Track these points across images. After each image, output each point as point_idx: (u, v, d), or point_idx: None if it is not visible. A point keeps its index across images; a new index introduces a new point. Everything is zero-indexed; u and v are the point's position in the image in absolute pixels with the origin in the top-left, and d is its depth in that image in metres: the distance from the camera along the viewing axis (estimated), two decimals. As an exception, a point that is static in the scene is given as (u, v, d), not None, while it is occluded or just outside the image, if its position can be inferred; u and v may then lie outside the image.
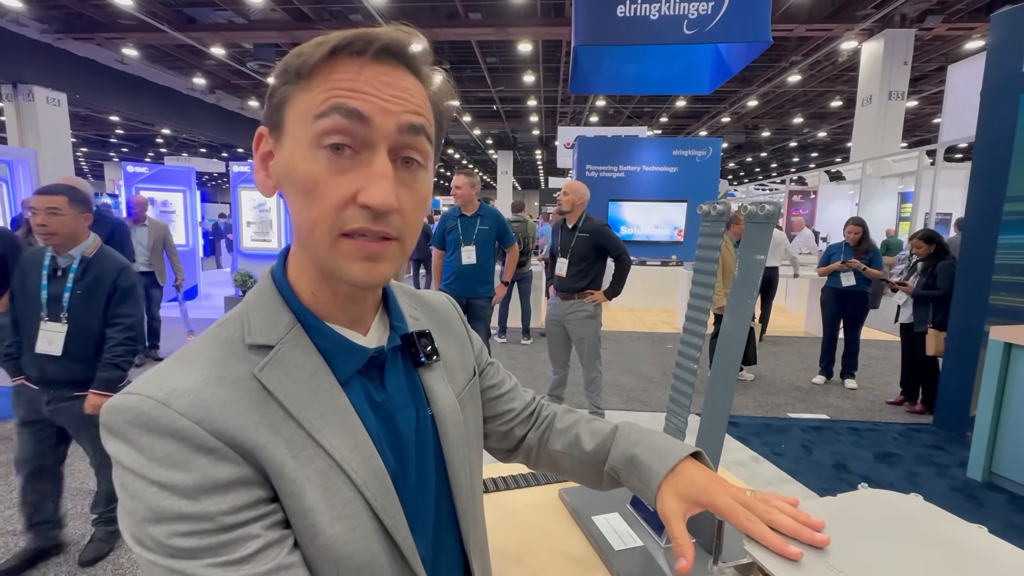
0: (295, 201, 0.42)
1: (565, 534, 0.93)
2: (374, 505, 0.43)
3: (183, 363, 0.41)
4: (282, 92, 0.42)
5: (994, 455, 2.86)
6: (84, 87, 11.47)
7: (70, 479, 2.63)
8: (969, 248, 3.49)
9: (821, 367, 4.62)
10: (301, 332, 0.45)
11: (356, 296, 0.47)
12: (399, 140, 0.42)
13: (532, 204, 27.28)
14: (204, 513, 0.36)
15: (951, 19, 9.14)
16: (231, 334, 0.44)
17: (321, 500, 0.41)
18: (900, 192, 10.31)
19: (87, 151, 23.66)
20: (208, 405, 0.38)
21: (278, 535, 0.38)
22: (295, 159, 0.41)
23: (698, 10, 3.48)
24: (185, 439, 0.37)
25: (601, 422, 0.66)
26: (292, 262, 0.47)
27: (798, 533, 0.45)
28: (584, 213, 3.16)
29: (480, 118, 18.17)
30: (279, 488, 0.40)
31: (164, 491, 0.36)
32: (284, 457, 0.40)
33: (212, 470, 0.37)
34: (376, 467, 0.44)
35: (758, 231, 0.75)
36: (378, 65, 0.41)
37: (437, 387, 0.53)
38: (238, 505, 0.37)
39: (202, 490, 0.36)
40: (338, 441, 0.42)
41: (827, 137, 19.04)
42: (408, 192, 0.43)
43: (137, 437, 0.37)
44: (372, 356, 0.48)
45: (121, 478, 0.37)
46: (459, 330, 0.63)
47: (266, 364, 0.42)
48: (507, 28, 9.81)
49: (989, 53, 3.44)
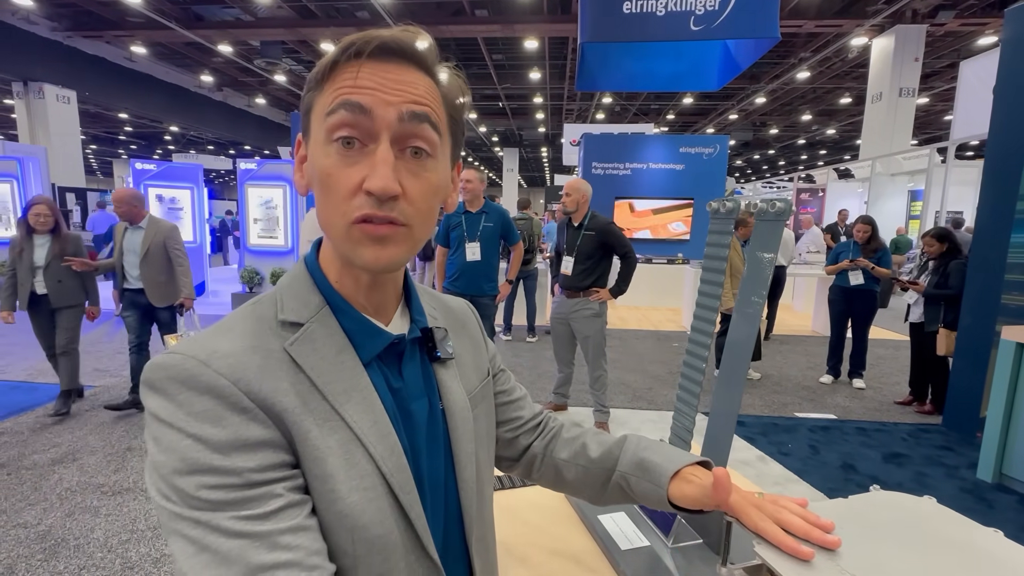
0: (318, 195, 0.45)
1: (571, 533, 0.93)
2: (390, 480, 0.45)
3: (222, 331, 0.44)
4: (307, 99, 0.46)
5: (1004, 456, 2.83)
6: (93, 84, 11.56)
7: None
8: (981, 247, 3.45)
9: (829, 366, 4.59)
10: (329, 313, 0.48)
11: (376, 284, 0.50)
12: (402, 129, 0.44)
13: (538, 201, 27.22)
14: (233, 468, 0.38)
15: (963, 14, 9.02)
16: (264, 311, 0.47)
17: (341, 469, 0.43)
18: (910, 190, 10.19)
19: (96, 148, 23.86)
20: (244, 368, 0.41)
21: (299, 498, 0.40)
22: (315, 156, 0.45)
23: (705, 6, 3.45)
24: (222, 397, 0.39)
25: (607, 434, 0.67)
26: (324, 251, 0.51)
27: (808, 534, 0.45)
28: (589, 211, 3.14)
29: (486, 115, 18.15)
30: (303, 453, 0.42)
31: (199, 443, 0.38)
32: (310, 424, 0.42)
33: (244, 429, 0.39)
34: (393, 444, 0.46)
35: (768, 229, 0.74)
36: (379, 62, 0.44)
37: (450, 383, 0.55)
38: (264, 464, 0.39)
39: (233, 446, 0.38)
40: (359, 416, 0.45)
41: (836, 134, 18.87)
42: (415, 180, 0.45)
43: (177, 392, 0.39)
44: (392, 343, 0.50)
45: (156, 432, 0.39)
46: (475, 333, 0.65)
47: (296, 339, 0.45)
48: (513, 25, 9.78)
49: (1003, 48, 3.38)
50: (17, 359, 4.69)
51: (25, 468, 2.71)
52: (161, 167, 7.73)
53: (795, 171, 17.45)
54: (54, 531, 2.20)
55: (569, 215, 3.18)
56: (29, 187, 7.53)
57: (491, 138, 21.88)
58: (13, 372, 4.34)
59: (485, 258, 3.31)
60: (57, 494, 2.47)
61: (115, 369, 4.45)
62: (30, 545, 2.10)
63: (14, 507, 2.36)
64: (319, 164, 0.44)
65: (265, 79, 13.73)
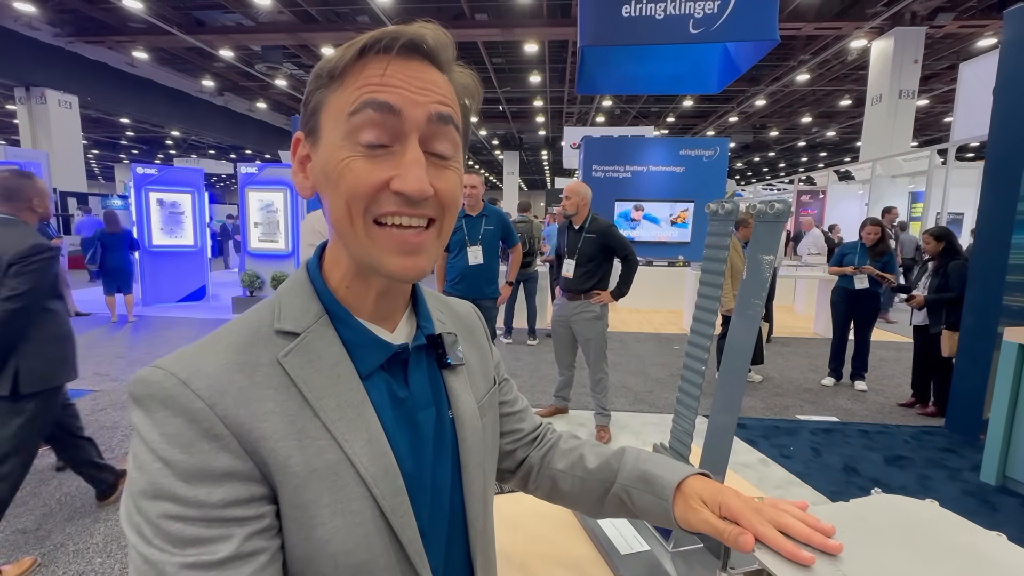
0: (331, 195, 0.43)
1: (570, 538, 0.92)
2: (382, 504, 0.43)
3: (212, 344, 0.43)
4: (317, 97, 0.44)
5: (1008, 458, 2.82)
6: (95, 90, 11.61)
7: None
8: (982, 248, 3.44)
9: (830, 369, 4.57)
10: (328, 323, 0.46)
11: (389, 292, 0.48)
12: (429, 130, 0.43)
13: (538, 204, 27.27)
14: (195, 499, 0.37)
15: (962, 16, 9.03)
16: (261, 319, 0.45)
17: (326, 493, 0.41)
18: (911, 192, 10.19)
19: (98, 153, 23.95)
20: (225, 390, 0.40)
21: (251, 548, 0.38)
22: (330, 156, 0.42)
23: (704, 9, 3.46)
24: (195, 421, 0.38)
25: (605, 446, 0.65)
26: (328, 256, 0.49)
27: (809, 538, 0.44)
28: (590, 213, 3.14)
29: (486, 118, 18.18)
30: (281, 481, 0.40)
31: (167, 468, 0.37)
32: (291, 449, 0.40)
33: (212, 458, 0.38)
34: (388, 464, 0.44)
35: (767, 230, 0.73)
36: (404, 60, 0.42)
37: (460, 391, 0.53)
38: (228, 500, 0.37)
39: (199, 476, 0.37)
40: (351, 435, 0.43)
41: (836, 136, 18.88)
42: (442, 180, 0.44)
43: (156, 410, 0.38)
44: (396, 352, 0.48)
45: (135, 448, 0.39)
46: (482, 339, 0.63)
47: (291, 350, 0.43)
48: (513, 29, 9.81)
49: (1003, 50, 3.38)
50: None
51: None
52: (162, 171, 7.75)
53: (796, 173, 17.45)
54: (53, 536, 2.19)
55: (569, 218, 3.18)
56: (31, 192, 7.53)
57: (492, 141, 21.92)
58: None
59: (486, 261, 3.31)
60: (57, 499, 2.47)
61: (115, 373, 4.45)
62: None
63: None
64: (337, 164, 0.41)
65: (266, 84, 13.78)
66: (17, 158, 7.95)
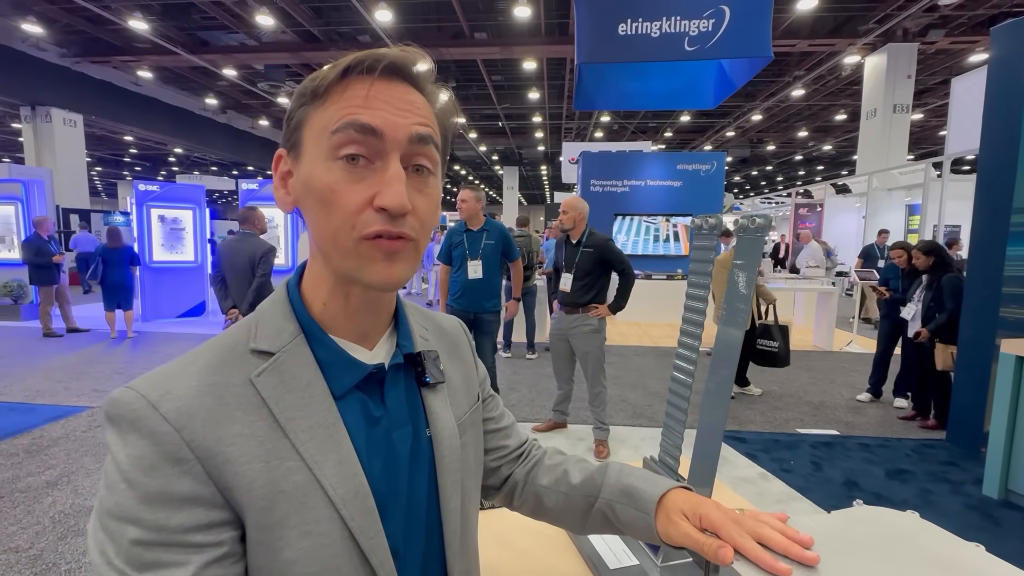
0: (314, 212, 0.44)
1: (559, 554, 0.91)
2: (350, 525, 0.43)
3: (186, 364, 0.43)
4: (300, 114, 0.45)
5: (1010, 471, 2.79)
6: (100, 108, 11.78)
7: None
8: (978, 260, 3.45)
9: (870, 384, 4.35)
10: (303, 343, 0.46)
11: (369, 307, 0.48)
12: (409, 149, 0.44)
13: (538, 219, 27.40)
14: (155, 523, 0.37)
15: (953, 32, 9.19)
16: (237, 337, 0.45)
17: (293, 514, 0.41)
18: (908, 204, 10.25)
19: (101, 170, 24.17)
20: (193, 413, 0.40)
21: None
22: (313, 173, 0.43)
23: (699, 27, 3.53)
24: (159, 444, 0.38)
25: (590, 463, 0.65)
26: (308, 275, 0.49)
27: (787, 550, 0.44)
28: (587, 227, 3.16)
29: (486, 135, 18.38)
30: (247, 504, 0.40)
31: (131, 490, 0.37)
32: (257, 472, 0.40)
33: (174, 482, 0.38)
34: (358, 486, 0.44)
35: (749, 244, 0.75)
36: (386, 82, 0.44)
37: (439, 409, 0.53)
38: (187, 525, 0.38)
39: (160, 499, 0.37)
40: (322, 456, 0.43)
41: (833, 150, 19.05)
42: (421, 197, 0.45)
43: (127, 431, 0.39)
44: (371, 372, 0.48)
45: (107, 467, 0.39)
46: (466, 355, 0.63)
47: (264, 370, 0.43)
48: (512, 47, 9.98)
49: (991, 66, 3.44)
50: (15, 380, 4.68)
51: (19, 491, 2.69)
52: (163, 188, 7.82)
53: (793, 187, 17.57)
54: (45, 555, 2.17)
55: (567, 232, 3.20)
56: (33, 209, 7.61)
57: (491, 157, 22.12)
58: (11, 393, 4.33)
59: (487, 275, 3.32)
60: (50, 517, 2.45)
61: (113, 389, 4.43)
62: (21, 570, 2.07)
63: (6, 531, 2.33)
64: (320, 180, 0.42)
65: (268, 101, 13.97)
66: (20, 175, 8.03)
